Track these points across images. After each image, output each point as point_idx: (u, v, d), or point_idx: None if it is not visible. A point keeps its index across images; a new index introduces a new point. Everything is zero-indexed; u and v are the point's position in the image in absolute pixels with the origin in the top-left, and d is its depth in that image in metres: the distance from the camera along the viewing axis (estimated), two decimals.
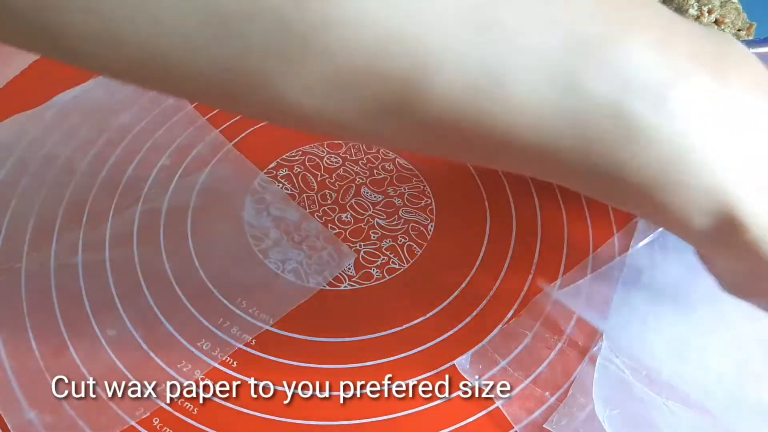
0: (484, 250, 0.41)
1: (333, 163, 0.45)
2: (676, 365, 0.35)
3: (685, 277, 0.39)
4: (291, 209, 0.42)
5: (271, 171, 0.44)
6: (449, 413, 0.34)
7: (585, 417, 0.33)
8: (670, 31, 0.22)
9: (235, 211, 0.42)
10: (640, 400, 0.33)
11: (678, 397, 0.33)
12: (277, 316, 0.37)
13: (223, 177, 0.44)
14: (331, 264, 0.39)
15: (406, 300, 0.38)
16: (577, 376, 0.35)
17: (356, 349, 0.36)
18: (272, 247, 0.40)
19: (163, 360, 0.35)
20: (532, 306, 0.38)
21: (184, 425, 0.33)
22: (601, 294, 0.38)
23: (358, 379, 0.35)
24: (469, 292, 0.39)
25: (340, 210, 0.42)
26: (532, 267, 0.40)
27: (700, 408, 0.33)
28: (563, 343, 0.36)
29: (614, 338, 0.36)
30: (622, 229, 0.42)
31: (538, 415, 0.34)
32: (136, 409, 0.34)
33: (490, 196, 0.43)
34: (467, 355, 0.36)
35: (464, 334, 0.37)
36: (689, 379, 0.34)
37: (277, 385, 0.34)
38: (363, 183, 0.44)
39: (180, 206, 0.42)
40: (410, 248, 0.40)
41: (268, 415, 0.34)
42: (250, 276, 0.39)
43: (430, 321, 0.37)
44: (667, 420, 0.33)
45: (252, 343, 0.36)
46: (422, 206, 0.43)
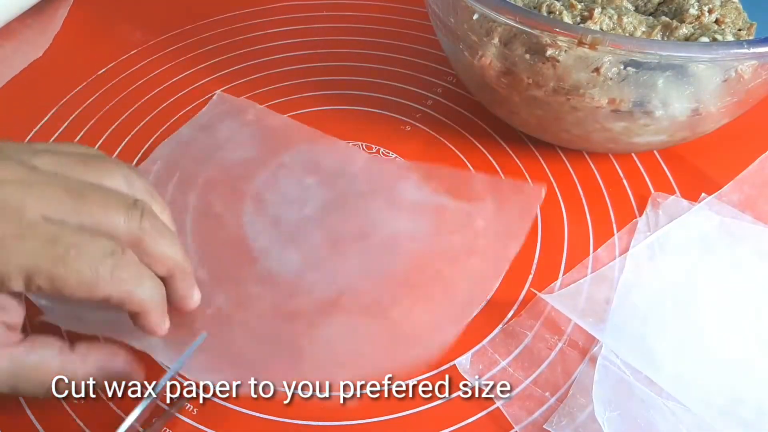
0: None
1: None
2: (676, 365, 0.35)
3: (685, 277, 0.39)
4: (291, 209, 0.42)
5: (271, 170, 0.44)
6: (449, 413, 0.34)
7: (585, 417, 0.33)
8: None
9: (236, 210, 0.42)
10: (640, 400, 0.33)
11: (678, 398, 0.33)
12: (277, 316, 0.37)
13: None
14: (332, 263, 0.39)
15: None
16: (577, 377, 0.35)
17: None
18: (272, 246, 0.40)
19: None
20: (532, 306, 0.38)
21: (184, 425, 0.33)
22: (601, 294, 0.38)
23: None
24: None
25: (340, 210, 0.42)
26: (532, 267, 0.40)
27: (700, 408, 0.33)
28: (563, 343, 0.36)
29: (614, 338, 0.36)
30: (622, 229, 0.42)
31: (538, 416, 0.34)
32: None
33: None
34: (467, 355, 0.36)
35: (464, 334, 0.37)
36: (689, 379, 0.34)
37: (277, 385, 0.34)
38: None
39: (180, 206, 0.42)
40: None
41: (268, 416, 0.34)
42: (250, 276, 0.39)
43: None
44: (668, 420, 0.33)
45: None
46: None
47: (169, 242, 0.31)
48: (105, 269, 0.28)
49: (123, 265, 0.29)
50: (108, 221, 0.29)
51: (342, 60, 0.52)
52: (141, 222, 0.30)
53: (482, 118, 0.48)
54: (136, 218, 0.30)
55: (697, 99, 0.39)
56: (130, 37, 0.54)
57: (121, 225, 0.30)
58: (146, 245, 0.30)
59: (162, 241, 0.31)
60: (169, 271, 0.31)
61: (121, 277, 0.29)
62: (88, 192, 0.30)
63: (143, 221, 0.30)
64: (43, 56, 0.52)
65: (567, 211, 0.43)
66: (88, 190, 0.30)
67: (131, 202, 0.30)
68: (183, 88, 0.50)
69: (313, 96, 0.49)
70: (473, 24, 0.40)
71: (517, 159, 0.46)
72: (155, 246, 0.31)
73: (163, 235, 0.31)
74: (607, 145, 0.44)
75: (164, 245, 0.31)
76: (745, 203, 0.42)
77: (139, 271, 0.30)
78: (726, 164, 0.45)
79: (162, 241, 0.31)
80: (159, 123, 0.47)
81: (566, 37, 0.36)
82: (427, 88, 0.50)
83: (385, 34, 0.55)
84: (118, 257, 0.29)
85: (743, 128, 0.45)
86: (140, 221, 0.30)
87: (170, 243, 0.31)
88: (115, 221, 0.29)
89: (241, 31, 0.55)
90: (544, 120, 0.42)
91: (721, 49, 0.36)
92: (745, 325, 0.37)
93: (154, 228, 0.31)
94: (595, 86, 0.38)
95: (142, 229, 0.30)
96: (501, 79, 0.41)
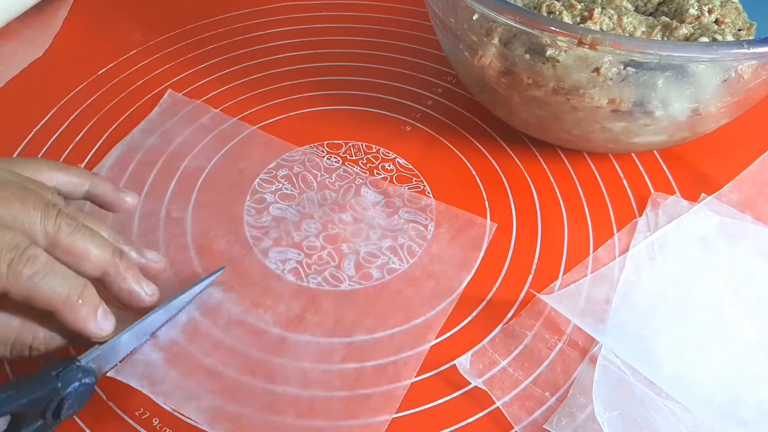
0: (485, 249, 0.41)
1: (333, 163, 0.45)
2: (676, 365, 0.35)
3: (685, 277, 0.39)
4: (291, 209, 0.42)
5: (271, 171, 0.44)
6: (449, 413, 0.34)
7: (585, 417, 0.33)
8: None
9: (236, 210, 0.42)
10: (640, 400, 0.33)
11: (678, 398, 0.33)
12: (278, 316, 0.37)
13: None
14: (331, 264, 0.39)
15: (406, 300, 0.38)
16: (577, 377, 0.35)
17: (356, 349, 0.36)
18: (272, 247, 0.40)
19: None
20: (532, 306, 0.38)
21: (184, 425, 0.33)
22: (601, 294, 0.38)
23: (358, 378, 0.35)
24: (469, 292, 0.39)
25: (339, 210, 0.42)
26: (532, 267, 0.40)
27: (700, 408, 0.33)
28: (563, 343, 0.36)
29: (614, 338, 0.36)
30: (622, 229, 0.42)
31: (538, 416, 0.34)
32: (136, 409, 0.34)
33: (490, 196, 0.43)
34: (467, 355, 0.36)
35: (464, 334, 0.37)
36: (689, 379, 0.34)
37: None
38: (363, 183, 0.44)
39: (180, 206, 0.42)
40: (410, 248, 0.40)
41: (268, 415, 0.34)
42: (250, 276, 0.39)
43: (430, 321, 0.37)
44: (667, 420, 0.33)
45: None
46: (422, 206, 0.42)
47: (90, 240, 0.31)
48: (2, 263, 0.28)
49: (24, 260, 0.29)
50: (26, 218, 0.30)
51: (342, 60, 0.52)
52: (56, 220, 0.30)
53: (482, 118, 0.48)
54: (52, 216, 0.30)
55: (697, 99, 0.39)
56: (130, 37, 0.54)
57: (37, 223, 0.30)
58: (64, 244, 0.30)
59: (82, 239, 0.31)
60: (99, 270, 0.31)
61: (19, 272, 0.29)
62: (9, 187, 0.30)
63: (58, 219, 0.30)
64: (43, 56, 0.52)
65: (567, 211, 0.43)
66: (11, 186, 0.30)
67: (48, 201, 0.30)
68: (183, 88, 0.50)
69: (313, 96, 0.49)
70: (473, 24, 0.40)
71: (517, 159, 0.46)
72: (73, 245, 0.30)
73: (84, 234, 0.31)
74: (607, 145, 0.44)
75: (85, 243, 0.31)
76: (745, 203, 0.43)
77: (46, 268, 0.29)
78: (726, 164, 0.45)
79: (82, 239, 0.31)
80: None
81: (566, 37, 0.36)
82: (427, 88, 0.50)
83: (385, 34, 0.55)
84: (20, 251, 0.29)
85: (743, 128, 0.45)
86: (55, 220, 0.30)
87: (93, 241, 0.31)
88: (32, 218, 0.30)
89: (241, 31, 0.55)
90: (544, 120, 0.42)
91: (721, 49, 0.36)
92: (745, 325, 0.37)
93: (72, 227, 0.31)
94: (595, 86, 0.38)
95: (57, 227, 0.30)
96: (501, 79, 0.41)
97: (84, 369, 0.30)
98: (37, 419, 0.29)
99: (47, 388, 0.29)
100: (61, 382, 0.29)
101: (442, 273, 0.39)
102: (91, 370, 0.31)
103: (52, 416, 0.30)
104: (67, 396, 0.29)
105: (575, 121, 0.41)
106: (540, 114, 0.42)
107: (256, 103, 0.49)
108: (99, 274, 0.32)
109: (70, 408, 0.30)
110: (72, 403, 0.30)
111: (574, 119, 0.41)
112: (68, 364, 0.30)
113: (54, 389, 0.29)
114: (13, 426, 0.29)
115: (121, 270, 0.32)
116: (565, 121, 0.41)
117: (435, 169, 0.45)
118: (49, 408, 0.29)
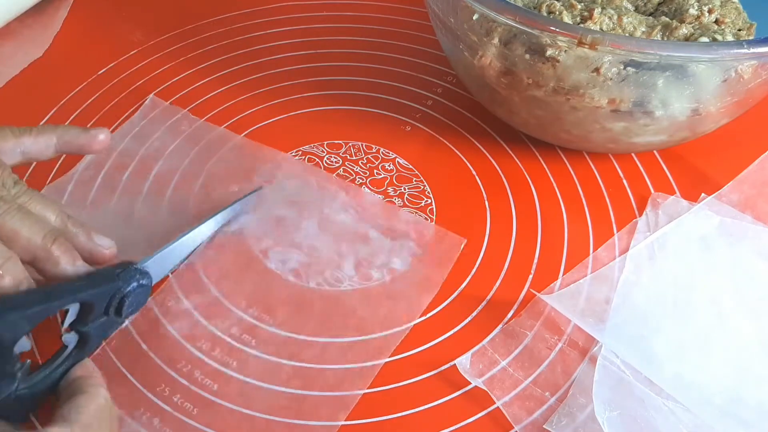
0: (485, 249, 0.41)
1: (333, 163, 0.45)
2: (676, 365, 0.35)
3: (685, 277, 0.39)
4: (291, 209, 0.42)
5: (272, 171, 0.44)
6: (449, 413, 0.34)
7: (585, 417, 0.33)
8: None
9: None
10: (640, 400, 0.33)
11: (678, 398, 0.33)
12: (278, 316, 0.37)
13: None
14: (331, 264, 0.39)
15: (406, 300, 0.38)
16: (577, 377, 0.35)
17: (356, 350, 0.36)
18: (272, 247, 0.40)
19: (162, 360, 0.35)
20: (532, 306, 0.38)
21: (184, 425, 0.33)
22: (601, 294, 0.38)
23: (358, 379, 0.35)
24: (469, 292, 0.39)
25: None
26: (532, 267, 0.40)
27: (700, 408, 0.33)
28: (563, 343, 0.36)
29: (614, 338, 0.36)
30: (622, 229, 0.42)
31: (538, 416, 0.34)
32: (137, 409, 0.34)
33: (490, 196, 0.43)
34: (467, 355, 0.36)
35: (464, 334, 0.37)
36: (689, 379, 0.34)
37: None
38: (363, 183, 0.44)
39: (180, 206, 0.42)
40: (410, 248, 0.40)
41: (268, 415, 0.34)
42: (250, 276, 0.39)
43: (430, 321, 0.37)
44: (667, 420, 0.33)
45: (252, 343, 0.36)
46: (422, 206, 0.43)
47: (21, 223, 0.31)
48: None
49: None
50: None
51: (342, 60, 0.52)
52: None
53: (482, 118, 0.48)
54: None
55: (697, 99, 0.39)
56: (130, 37, 0.54)
57: None
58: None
59: (11, 221, 0.31)
60: (28, 253, 0.31)
61: None
62: None
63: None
64: (44, 56, 0.52)
65: (567, 211, 0.43)
66: None
67: None
68: (183, 88, 0.50)
69: (313, 96, 0.49)
70: (473, 24, 0.40)
71: (517, 159, 0.46)
72: (1, 227, 0.31)
73: (14, 216, 0.31)
74: (607, 145, 0.44)
75: (15, 225, 0.31)
76: (744, 203, 0.43)
77: None
78: (726, 164, 0.45)
79: (11, 221, 0.31)
80: None
81: (566, 37, 0.36)
82: (427, 88, 0.50)
83: (385, 34, 0.55)
84: None
85: (743, 128, 0.45)
86: None
87: (24, 224, 0.31)
88: None
89: (240, 32, 0.55)
90: (544, 120, 0.42)
91: (721, 49, 0.36)
92: (745, 325, 0.37)
93: (2, 209, 0.31)
94: (595, 86, 0.38)
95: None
96: (501, 79, 0.41)
97: (141, 272, 0.34)
98: (101, 315, 0.33)
99: (111, 284, 0.32)
100: (122, 281, 0.33)
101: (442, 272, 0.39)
102: (147, 273, 0.34)
103: (114, 313, 0.33)
104: (127, 294, 0.33)
105: (575, 121, 0.41)
106: (540, 114, 0.42)
107: (257, 103, 0.49)
108: (29, 258, 0.32)
109: (129, 306, 0.33)
110: (131, 301, 0.33)
111: (574, 119, 0.41)
112: (127, 266, 0.33)
113: (116, 286, 0.32)
114: (81, 318, 0.32)
115: (54, 253, 0.32)
116: (565, 121, 0.41)
117: (435, 169, 0.45)
118: (111, 304, 0.32)
